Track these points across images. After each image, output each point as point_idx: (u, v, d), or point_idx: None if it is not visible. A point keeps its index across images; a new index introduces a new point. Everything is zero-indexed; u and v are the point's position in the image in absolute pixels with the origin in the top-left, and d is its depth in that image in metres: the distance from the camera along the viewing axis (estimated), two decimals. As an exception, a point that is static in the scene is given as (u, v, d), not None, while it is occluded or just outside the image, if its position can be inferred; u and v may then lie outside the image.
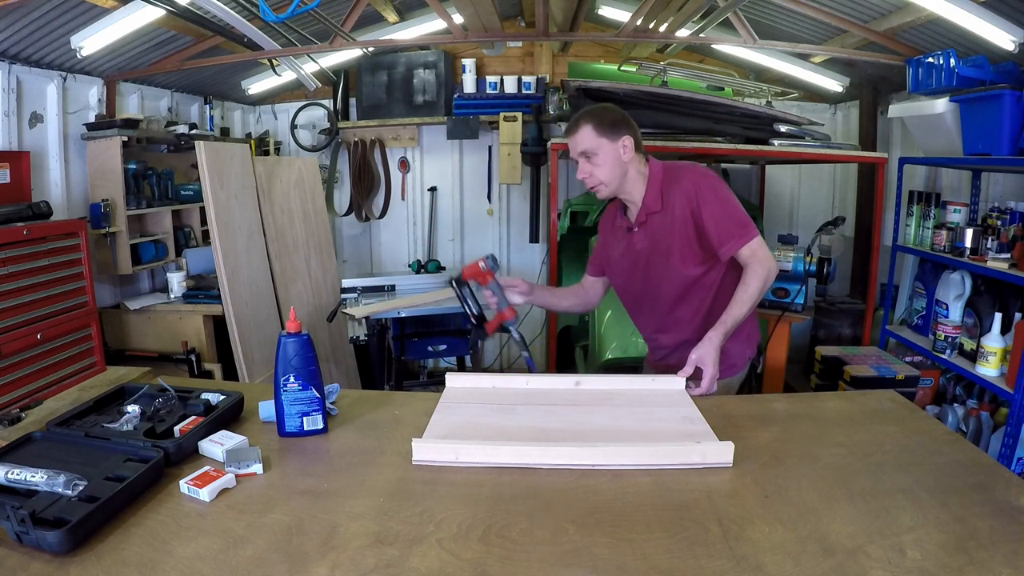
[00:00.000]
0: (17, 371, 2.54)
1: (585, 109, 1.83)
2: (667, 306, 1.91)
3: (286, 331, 1.39)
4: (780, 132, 3.11)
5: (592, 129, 1.77)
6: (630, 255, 1.91)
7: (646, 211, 1.83)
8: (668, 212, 1.81)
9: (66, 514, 1.01)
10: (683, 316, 1.90)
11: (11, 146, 2.92)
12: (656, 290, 1.90)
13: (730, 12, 3.12)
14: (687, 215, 1.78)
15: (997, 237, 2.66)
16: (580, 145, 1.79)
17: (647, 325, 2.02)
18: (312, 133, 5.00)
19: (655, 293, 1.90)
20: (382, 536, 1.04)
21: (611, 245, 1.99)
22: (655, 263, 1.87)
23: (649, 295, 1.92)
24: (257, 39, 3.18)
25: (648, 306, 1.95)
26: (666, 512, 1.10)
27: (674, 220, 1.80)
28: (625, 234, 1.92)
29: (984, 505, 1.11)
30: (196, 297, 3.54)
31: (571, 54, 4.79)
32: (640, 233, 1.87)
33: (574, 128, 1.80)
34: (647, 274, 1.89)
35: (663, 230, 1.82)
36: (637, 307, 2.01)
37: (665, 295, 1.89)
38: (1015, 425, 2.42)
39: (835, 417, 1.53)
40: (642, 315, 2.01)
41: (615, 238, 1.97)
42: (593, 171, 1.79)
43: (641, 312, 2.01)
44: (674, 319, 1.92)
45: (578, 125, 1.79)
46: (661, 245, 1.83)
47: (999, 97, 2.55)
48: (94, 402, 1.47)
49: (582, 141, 1.78)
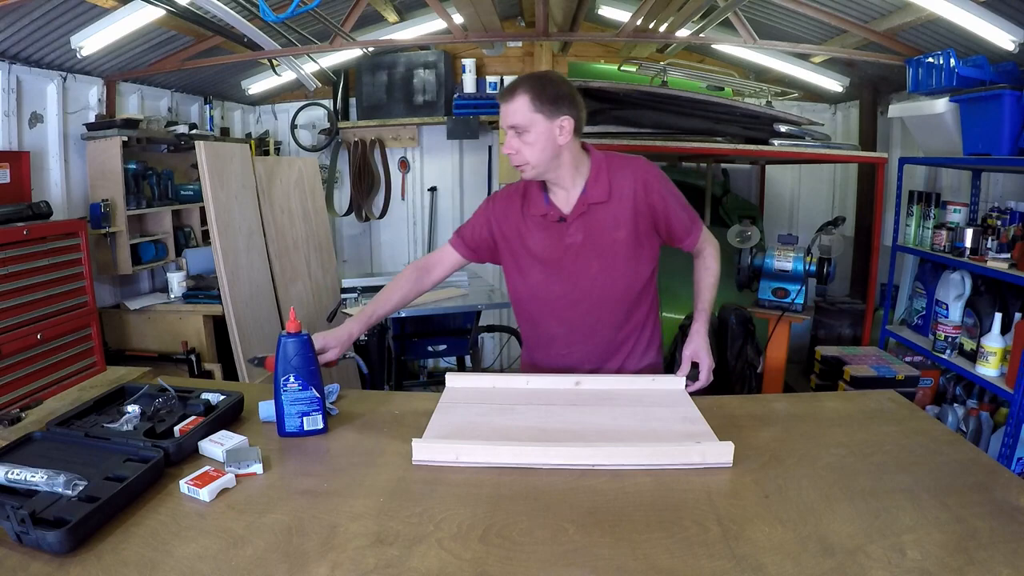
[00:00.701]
0: (17, 371, 2.54)
1: (526, 75, 1.59)
2: (602, 306, 1.71)
3: (286, 331, 1.39)
4: (780, 132, 3.11)
5: (528, 101, 1.53)
6: (556, 249, 1.68)
7: (587, 201, 1.64)
8: (614, 204, 1.64)
9: (66, 514, 1.01)
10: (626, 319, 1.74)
11: (11, 146, 2.92)
12: (590, 289, 1.69)
13: (730, 12, 3.12)
14: (641, 208, 1.65)
15: (997, 237, 2.66)
16: (511, 117, 1.55)
17: (563, 331, 1.75)
18: (312, 133, 5.00)
19: (587, 292, 1.70)
20: (382, 536, 1.04)
21: (522, 235, 1.71)
22: (596, 260, 1.67)
23: (578, 295, 1.70)
24: (257, 39, 3.18)
25: (570, 307, 1.72)
26: (666, 512, 1.10)
27: (621, 212, 1.64)
28: (551, 225, 1.68)
29: (984, 505, 1.10)
30: (196, 297, 3.54)
31: (571, 54, 4.79)
32: (576, 225, 1.66)
33: (509, 95, 1.55)
34: (582, 271, 1.68)
35: (608, 223, 1.65)
36: (552, 309, 1.74)
37: (604, 294, 1.70)
38: (1015, 425, 2.42)
39: (835, 417, 1.52)
40: (557, 319, 1.74)
41: (530, 227, 1.71)
42: (521, 148, 1.57)
43: (556, 315, 1.74)
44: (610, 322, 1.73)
45: (513, 93, 1.54)
46: (604, 239, 1.66)
47: (999, 97, 2.55)
48: (94, 402, 1.47)
49: (514, 113, 1.54)
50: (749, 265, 2.85)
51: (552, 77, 1.59)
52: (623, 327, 1.75)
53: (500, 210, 1.75)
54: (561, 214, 1.67)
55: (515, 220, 1.72)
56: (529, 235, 1.71)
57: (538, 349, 1.83)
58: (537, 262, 1.71)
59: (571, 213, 1.66)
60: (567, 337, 1.75)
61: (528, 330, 1.85)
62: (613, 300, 1.71)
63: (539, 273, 1.72)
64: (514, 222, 1.72)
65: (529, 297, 1.77)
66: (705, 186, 4.44)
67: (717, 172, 4.68)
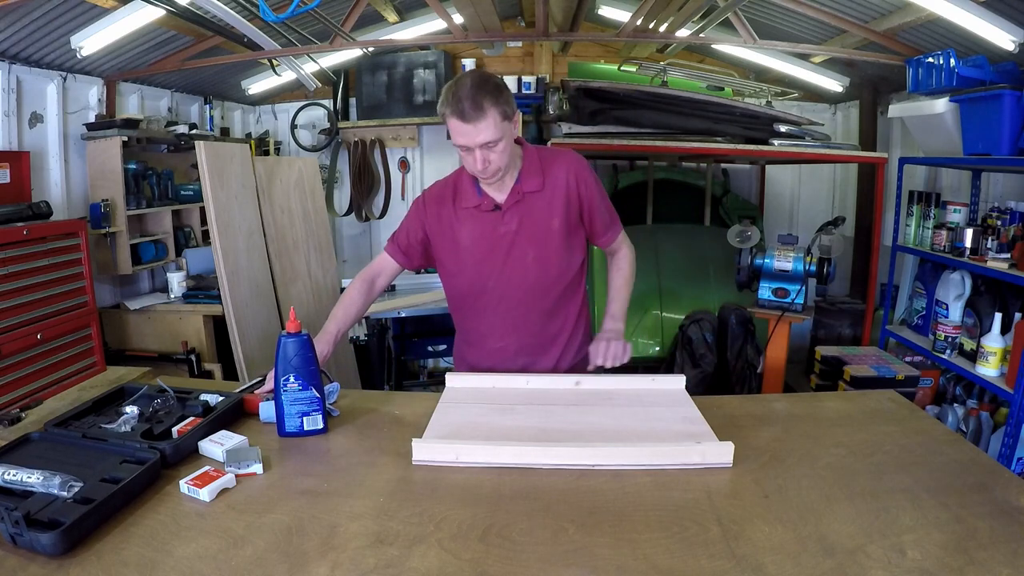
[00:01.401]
0: (17, 371, 2.54)
1: (476, 84, 1.47)
2: (536, 295, 1.70)
3: (286, 331, 1.39)
4: (780, 132, 3.11)
5: (497, 116, 1.49)
6: (490, 239, 1.68)
7: (521, 190, 1.65)
8: (548, 193, 1.66)
9: (61, 516, 1.01)
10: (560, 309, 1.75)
11: (11, 146, 2.92)
12: (524, 277, 1.69)
13: (730, 12, 3.12)
14: (571, 198, 1.67)
15: (997, 237, 2.66)
16: (483, 135, 1.49)
17: (497, 323, 1.75)
18: (312, 133, 5.00)
19: (521, 281, 1.69)
20: (382, 536, 1.03)
21: (454, 228, 1.70)
22: (531, 248, 1.67)
23: (513, 284, 1.70)
24: (257, 39, 3.18)
25: (505, 298, 1.71)
26: (666, 512, 1.10)
27: (555, 201, 1.66)
28: (484, 215, 1.67)
29: (984, 505, 1.10)
30: (196, 297, 3.54)
31: (571, 54, 4.79)
32: (511, 213, 1.66)
33: (477, 114, 1.46)
34: (516, 260, 1.68)
35: (542, 212, 1.66)
36: (487, 300, 1.73)
37: (538, 283, 1.70)
38: (1015, 425, 2.42)
39: (835, 417, 1.52)
40: (491, 311, 1.74)
41: (462, 220, 1.69)
42: (491, 159, 1.53)
43: (491, 307, 1.73)
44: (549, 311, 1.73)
45: (482, 111, 1.46)
46: (539, 228, 1.66)
47: (999, 97, 2.54)
48: (93, 403, 1.47)
49: (486, 131, 1.48)
50: (749, 265, 2.84)
51: (497, 79, 1.54)
52: (556, 317, 1.76)
53: (432, 208, 1.73)
54: (495, 203, 1.67)
55: (447, 215, 1.71)
56: (461, 227, 1.70)
57: (472, 345, 1.83)
58: (470, 254, 1.70)
59: (505, 202, 1.66)
60: (501, 329, 1.75)
61: (462, 326, 1.85)
62: (547, 288, 1.72)
63: (473, 265, 1.71)
64: (446, 217, 1.71)
65: (464, 290, 1.76)
66: (705, 186, 4.44)
67: (717, 172, 4.68)
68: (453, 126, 1.50)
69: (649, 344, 3.53)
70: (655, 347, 3.54)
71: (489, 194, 1.67)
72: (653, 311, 3.60)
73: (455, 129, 1.51)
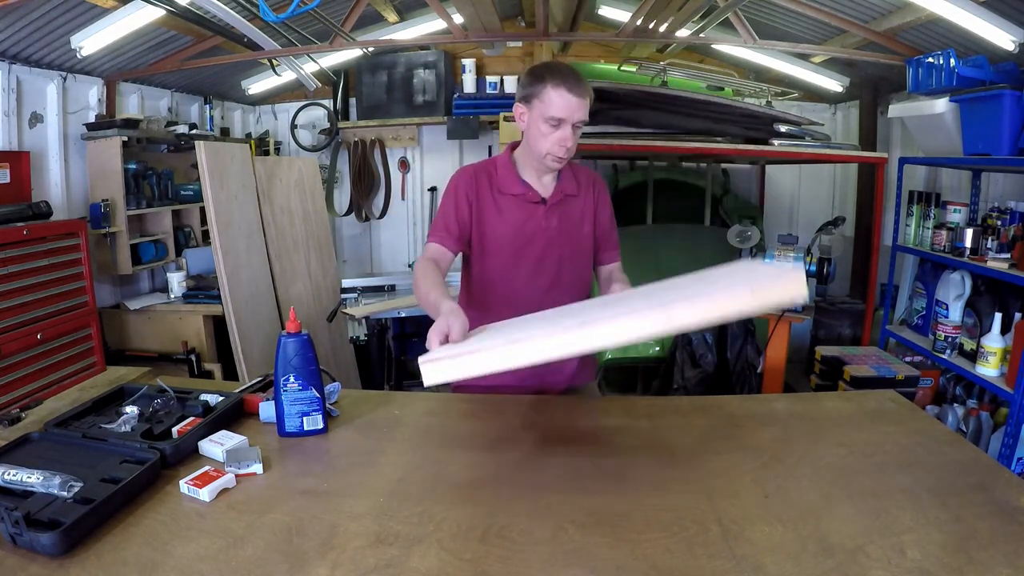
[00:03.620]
0: (17, 371, 2.54)
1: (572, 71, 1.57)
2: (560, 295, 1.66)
3: (286, 331, 1.39)
4: (780, 132, 3.10)
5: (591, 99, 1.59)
6: (530, 230, 1.67)
7: (562, 191, 1.69)
8: (582, 199, 1.72)
9: (61, 516, 1.01)
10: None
11: (11, 146, 2.92)
12: (554, 276, 1.70)
13: (730, 12, 3.12)
14: (593, 210, 1.73)
15: (997, 237, 2.66)
16: (581, 112, 1.56)
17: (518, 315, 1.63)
18: (312, 133, 5.00)
19: (549, 277, 1.69)
20: (382, 536, 1.03)
21: (493, 212, 1.67)
22: (567, 248, 1.70)
23: (541, 279, 1.69)
24: (257, 39, 3.18)
25: (530, 290, 1.68)
26: (666, 512, 1.10)
27: (584, 209, 1.73)
28: (528, 205, 1.67)
29: (984, 505, 1.10)
30: (196, 297, 3.54)
31: (571, 54, 4.79)
32: (552, 211, 1.68)
33: (584, 91, 1.54)
34: (550, 256, 1.69)
35: (577, 216, 1.71)
36: (512, 289, 1.69)
37: (565, 283, 1.71)
38: (1015, 425, 2.42)
39: (835, 417, 1.52)
40: (512, 301, 1.66)
41: (501, 207, 1.67)
42: (574, 138, 1.59)
43: (513, 297, 1.68)
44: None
45: (585, 88, 1.55)
46: (574, 229, 1.71)
47: (999, 97, 2.54)
48: (92, 403, 1.47)
49: (584, 108, 1.56)
50: (749, 265, 2.84)
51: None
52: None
53: (473, 186, 1.68)
54: (541, 196, 1.68)
55: (487, 197, 1.68)
56: (501, 214, 1.67)
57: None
58: (510, 241, 1.67)
59: (550, 197, 1.69)
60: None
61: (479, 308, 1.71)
62: (569, 288, 1.73)
63: (509, 251, 1.68)
64: (486, 199, 1.68)
65: (491, 275, 1.71)
66: (705, 186, 4.44)
67: (717, 172, 4.67)
68: (557, 96, 1.52)
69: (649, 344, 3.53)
70: (655, 347, 3.54)
71: (534, 187, 1.68)
72: (653, 311, 3.60)
73: (560, 100, 1.52)
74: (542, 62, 1.62)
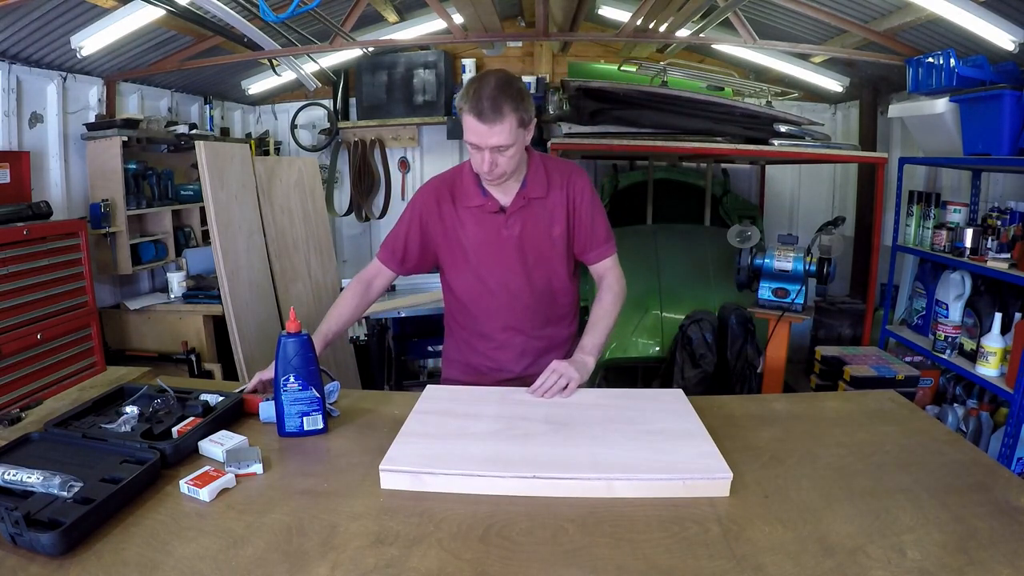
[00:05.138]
0: (17, 371, 2.54)
1: (499, 86, 1.47)
2: (534, 302, 1.71)
3: (286, 331, 1.39)
4: (780, 132, 3.10)
5: (515, 122, 1.48)
6: (492, 242, 1.67)
7: (526, 195, 1.65)
8: (551, 201, 1.67)
9: (61, 516, 1.01)
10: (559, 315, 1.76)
11: (11, 146, 2.92)
12: (525, 283, 1.70)
13: (730, 12, 3.12)
14: (566, 209, 1.67)
15: (997, 237, 2.66)
16: (495, 139, 1.48)
17: (496, 328, 1.74)
18: (312, 133, 5.00)
19: (523, 286, 1.70)
20: (382, 536, 1.03)
21: (455, 227, 1.68)
22: (532, 253, 1.68)
23: (514, 288, 1.70)
24: (257, 39, 3.18)
25: (505, 301, 1.71)
26: (666, 512, 1.10)
27: (554, 210, 1.67)
28: (488, 216, 1.66)
29: (984, 505, 1.10)
30: (196, 297, 3.54)
31: (571, 54, 4.79)
32: (514, 219, 1.66)
33: (495, 117, 1.45)
34: (518, 265, 1.68)
35: (544, 219, 1.67)
36: (487, 302, 1.73)
37: (537, 289, 1.71)
38: (1015, 425, 2.42)
39: (835, 417, 1.52)
40: (491, 313, 1.74)
41: (463, 220, 1.67)
42: (498, 161, 1.52)
43: (491, 309, 1.73)
44: (547, 317, 1.75)
45: (500, 115, 1.46)
46: (541, 234, 1.68)
47: (999, 97, 2.54)
48: (92, 403, 1.47)
49: (499, 135, 1.47)
50: (749, 265, 2.84)
51: (521, 85, 1.53)
52: (555, 323, 1.78)
53: (431, 206, 1.69)
54: (500, 205, 1.66)
55: (449, 213, 1.68)
56: (464, 227, 1.68)
57: (469, 347, 1.81)
58: (473, 255, 1.69)
59: (510, 205, 1.66)
60: (500, 332, 1.75)
61: (459, 327, 1.82)
62: (547, 294, 1.73)
63: (475, 266, 1.70)
64: (448, 215, 1.68)
65: (464, 291, 1.75)
66: (705, 186, 4.44)
67: (717, 172, 4.68)
68: (468, 123, 1.49)
69: (649, 344, 3.53)
70: (655, 347, 3.54)
71: (494, 195, 1.66)
72: (653, 311, 3.59)
73: (469, 126, 1.49)
74: (479, 74, 1.55)
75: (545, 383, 1.52)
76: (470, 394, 1.58)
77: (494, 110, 1.45)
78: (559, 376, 1.53)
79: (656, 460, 1.21)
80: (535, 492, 1.16)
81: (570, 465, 1.20)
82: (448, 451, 1.26)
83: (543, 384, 1.52)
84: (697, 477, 1.16)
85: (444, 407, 1.47)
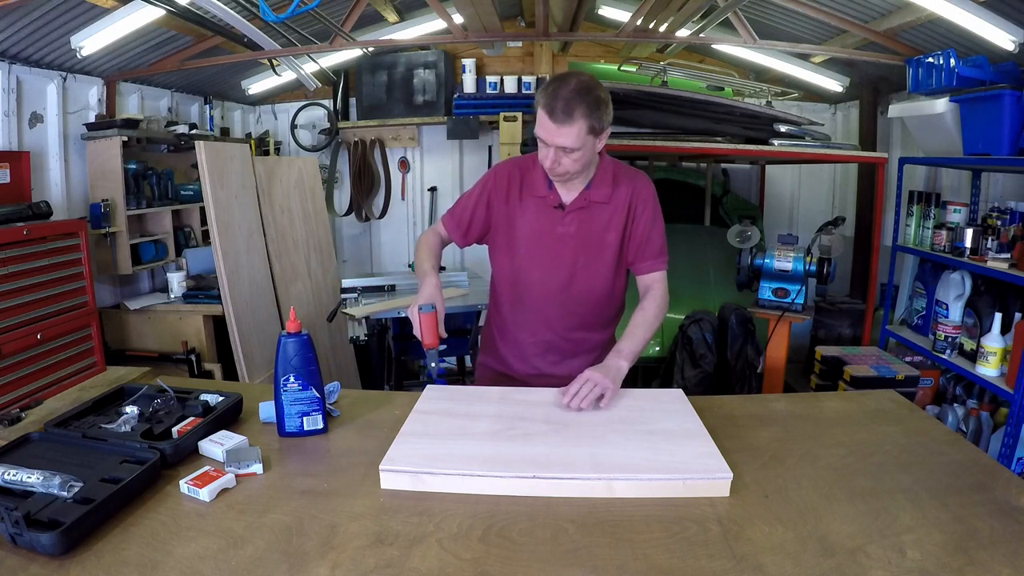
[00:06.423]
0: (17, 371, 2.54)
1: (578, 91, 1.48)
2: (578, 304, 1.72)
3: (286, 331, 1.39)
4: (780, 132, 3.11)
5: (584, 128, 1.50)
6: (546, 235, 1.69)
7: (588, 198, 1.67)
8: (612, 207, 1.68)
9: (60, 516, 1.01)
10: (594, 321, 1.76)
11: (11, 146, 2.92)
12: (569, 283, 1.71)
13: (730, 12, 3.12)
14: (625, 217, 1.68)
15: (997, 237, 2.66)
16: (563, 140, 1.50)
17: (536, 320, 1.75)
18: (312, 133, 5.00)
19: (565, 285, 1.71)
20: (382, 536, 1.04)
21: (515, 213, 1.71)
22: (583, 254, 1.69)
23: (557, 286, 1.71)
24: (257, 39, 3.18)
25: (545, 296, 1.72)
26: (666, 511, 1.10)
27: (613, 216, 1.68)
28: (547, 209, 1.68)
29: (984, 505, 1.10)
30: (196, 297, 3.54)
31: (571, 54, 4.79)
32: (571, 217, 1.67)
33: (566, 119, 1.48)
34: (566, 263, 1.70)
35: (602, 223, 1.68)
36: (528, 293, 1.74)
37: (582, 292, 1.72)
38: (1015, 425, 2.42)
39: (835, 417, 1.52)
40: (529, 304, 1.75)
41: (524, 207, 1.70)
42: (562, 160, 1.55)
43: (529, 301, 1.74)
44: (582, 321, 1.75)
45: (571, 117, 1.48)
46: (595, 237, 1.68)
47: (999, 97, 2.54)
48: (93, 403, 1.47)
49: (566, 137, 1.49)
50: (749, 265, 2.84)
51: (602, 94, 1.52)
52: (590, 328, 1.78)
53: (502, 185, 1.72)
54: (560, 201, 1.68)
55: (513, 197, 1.71)
56: (522, 215, 1.71)
57: (502, 336, 1.84)
58: (524, 245, 1.71)
59: (570, 204, 1.68)
60: (534, 326, 1.76)
61: (497, 312, 1.84)
62: (588, 298, 1.73)
63: (523, 256, 1.72)
64: (512, 199, 1.71)
65: (508, 277, 1.77)
66: (705, 186, 4.44)
67: (717, 172, 4.68)
68: (540, 117, 1.52)
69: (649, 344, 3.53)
70: (655, 347, 3.54)
71: (558, 190, 1.68)
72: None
73: (541, 121, 1.52)
74: (564, 72, 1.57)
75: (580, 392, 1.46)
76: (470, 394, 1.59)
77: (566, 112, 1.48)
78: (594, 385, 1.46)
79: (656, 460, 1.22)
80: (535, 492, 1.16)
81: (570, 465, 1.21)
82: (448, 451, 1.26)
83: (576, 393, 1.46)
84: (697, 477, 1.17)
85: (444, 407, 1.48)
